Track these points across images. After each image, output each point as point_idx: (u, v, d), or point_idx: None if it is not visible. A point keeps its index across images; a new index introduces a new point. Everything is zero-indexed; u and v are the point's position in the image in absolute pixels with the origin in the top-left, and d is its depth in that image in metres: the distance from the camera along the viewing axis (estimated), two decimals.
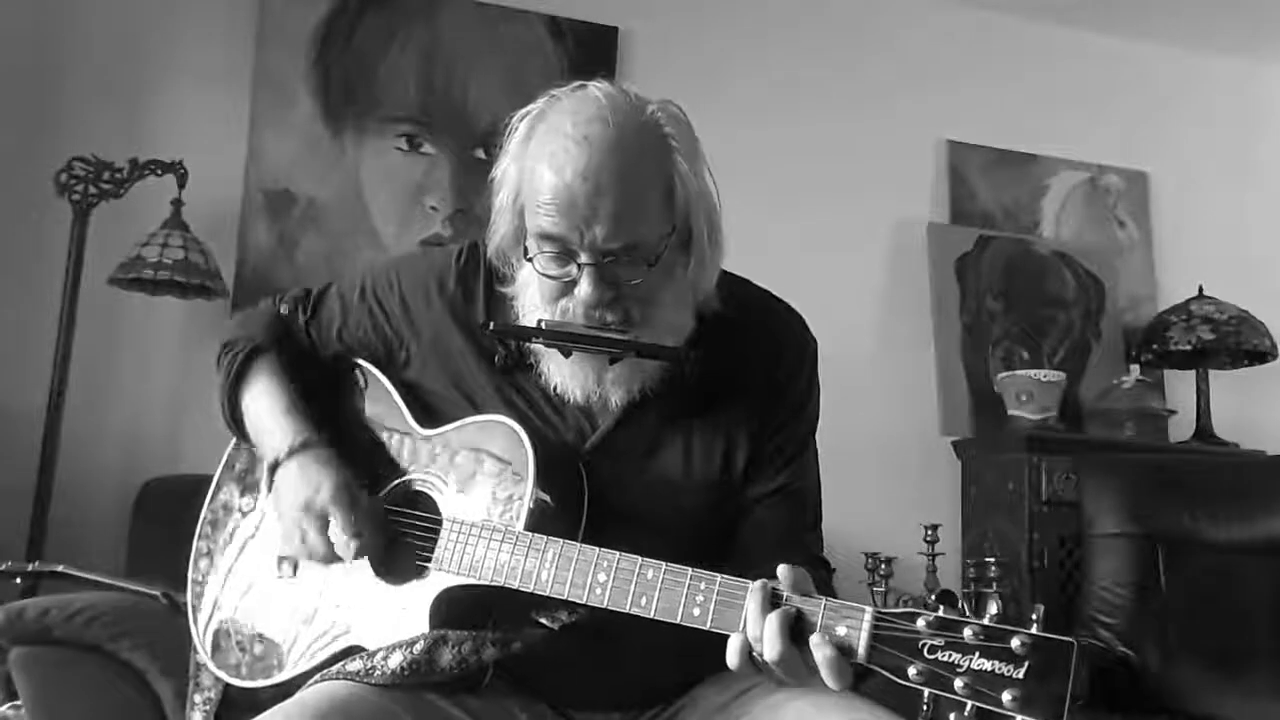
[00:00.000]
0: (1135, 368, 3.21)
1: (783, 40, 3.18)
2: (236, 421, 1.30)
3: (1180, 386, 3.25)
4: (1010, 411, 2.97)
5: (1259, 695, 2.20)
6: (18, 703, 1.62)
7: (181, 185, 2.51)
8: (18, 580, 1.97)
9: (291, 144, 2.76)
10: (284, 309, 1.34)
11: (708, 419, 1.21)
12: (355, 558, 1.17)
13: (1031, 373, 2.99)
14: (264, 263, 2.69)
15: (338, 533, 1.16)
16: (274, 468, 1.21)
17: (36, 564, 2.05)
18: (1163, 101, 3.50)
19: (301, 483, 1.18)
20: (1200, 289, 3.16)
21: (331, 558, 1.17)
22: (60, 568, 1.90)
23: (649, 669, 1.18)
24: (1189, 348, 3.03)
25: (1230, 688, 2.22)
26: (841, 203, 3.13)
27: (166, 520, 2.15)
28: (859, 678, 0.94)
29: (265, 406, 1.26)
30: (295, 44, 2.79)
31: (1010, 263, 3.26)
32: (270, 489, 1.23)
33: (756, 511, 1.22)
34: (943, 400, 3.08)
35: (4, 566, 1.94)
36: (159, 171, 2.50)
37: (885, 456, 3.01)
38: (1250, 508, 2.44)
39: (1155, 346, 3.12)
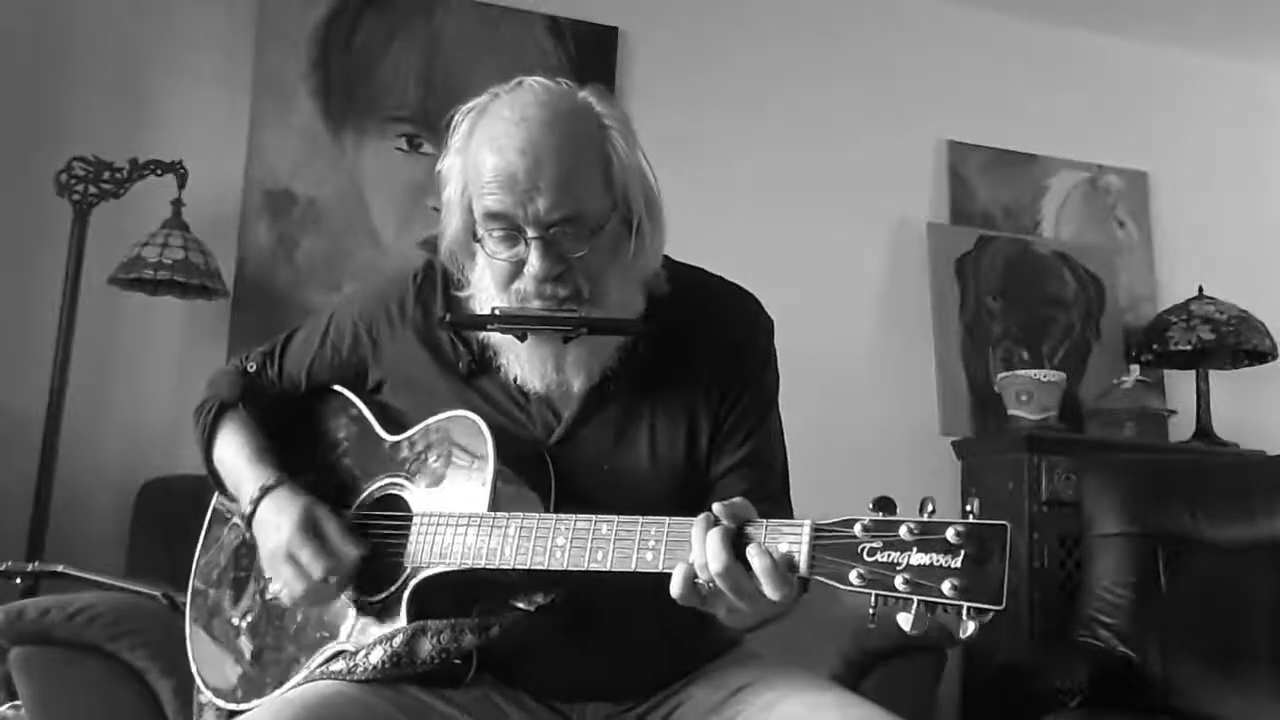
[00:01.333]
0: (1135, 368, 3.21)
1: (783, 40, 3.18)
2: (214, 476, 1.33)
3: (1180, 386, 3.25)
4: (1010, 411, 2.97)
5: (1259, 695, 2.20)
6: (18, 703, 1.62)
7: (181, 185, 2.51)
8: (18, 580, 1.97)
9: (291, 144, 2.75)
10: (251, 366, 1.38)
11: (668, 403, 1.23)
12: (335, 585, 1.17)
13: (1031, 373, 2.99)
14: (264, 263, 2.69)
15: (308, 565, 1.17)
16: (249, 520, 1.24)
17: (36, 564, 2.05)
18: (1163, 101, 3.50)
19: (268, 529, 1.21)
20: (1200, 289, 3.16)
21: (314, 594, 1.18)
22: (60, 568, 1.90)
23: (632, 657, 1.19)
24: (1189, 348, 3.03)
25: (1230, 688, 2.22)
26: (841, 203, 3.13)
27: (166, 520, 2.16)
28: (859, 675, 0.94)
29: (233, 457, 1.30)
30: (295, 44, 2.79)
31: (1010, 263, 3.26)
32: (252, 538, 1.25)
33: (719, 487, 1.23)
34: (943, 400, 3.08)
35: (4, 566, 1.94)
36: (159, 171, 2.49)
37: (885, 456, 3.00)
38: (1250, 508, 2.44)
39: (1155, 346, 3.11)
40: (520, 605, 1.13)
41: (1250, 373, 3.23)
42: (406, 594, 1.14)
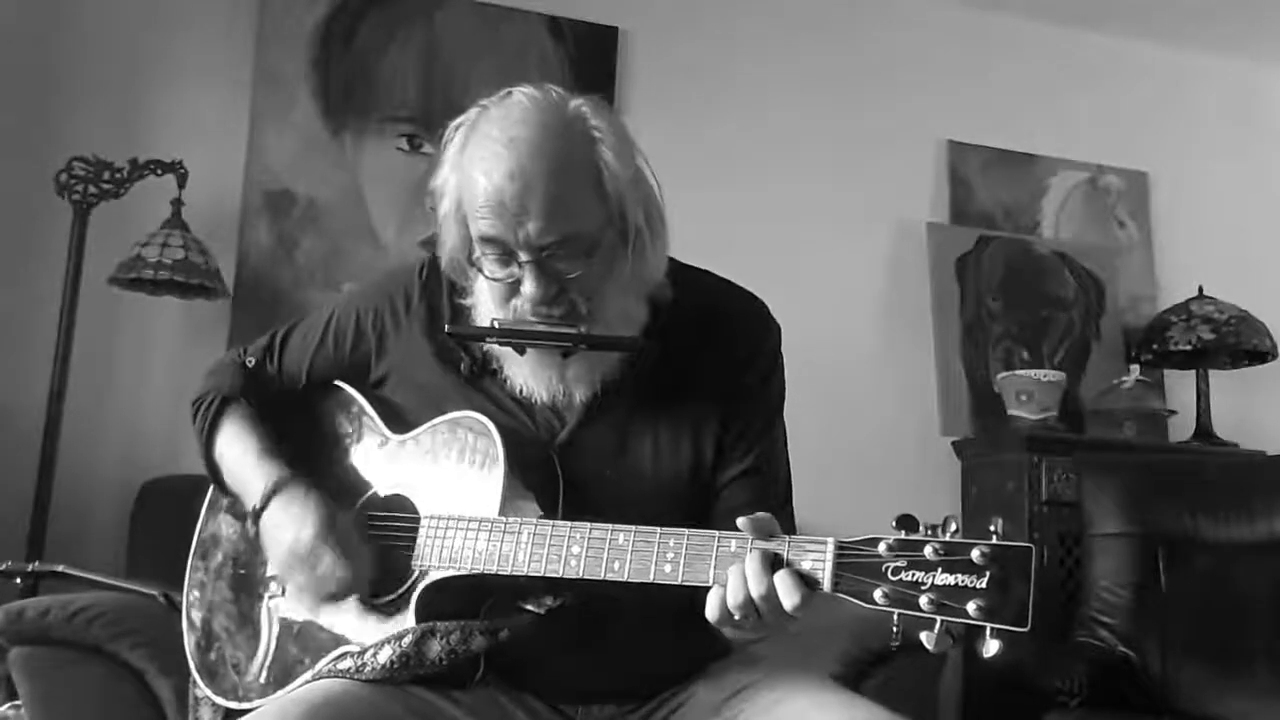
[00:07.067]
0: (1135, 368, 3.21)
1: (782, 40, 3.18)
2: (214, 472, 1.33)
3: (1180, 386, 3.25)
4: (1010, 411, 2.97)
5: (1259, 695, 2.20)
6: (18, 703, 1.62)
7: (181, 185, 2.51)
8: (18, 580, 1.97)
9: (291, 144, 2.75)
10: (250, 362, 1.37)
11: (674, 409, 1.22)
12: (352, 589, 1.18)
13: (1031, 373, 2.99)
14: (264, 263, 2.69)
15: (330, 569, 1.17)
16: (257, 515, 1.23)
17: (36, 564, 2.05)
18: (1163, 101, 3.50)
19: (286, 524, 1.20)
20: (1200, 289, 3.16)
21: (332, 594, 1.18)
22: (60, 568, 1.90)
23: (639, 658, 1.19)
24: (1189, 348, 3.03)
25: (1230, 688, 2.22)
26: (841, 203, 3.13)
27: (166, 520, 2.15)
28: (860, 676, 0.94)
29: (238, 454, 1.29)
30: (295, 44, 2.79)
31: (1010, 263, 3.26)
32: (257, 535, 1.24)
33: (724, 494, 1.23)
34: (943, 400, 3.08)
35: (4, 566, 1.94)
36: (159, 171, 2.49)
37: (885, 456, 3.00)
38: (1250, 508, 2.44)
39: (1155, 346, 3.11)
40: (530, 608, 1.12)
41: (1250, 373, 3.23)
42: (415, 597, 1.14)
